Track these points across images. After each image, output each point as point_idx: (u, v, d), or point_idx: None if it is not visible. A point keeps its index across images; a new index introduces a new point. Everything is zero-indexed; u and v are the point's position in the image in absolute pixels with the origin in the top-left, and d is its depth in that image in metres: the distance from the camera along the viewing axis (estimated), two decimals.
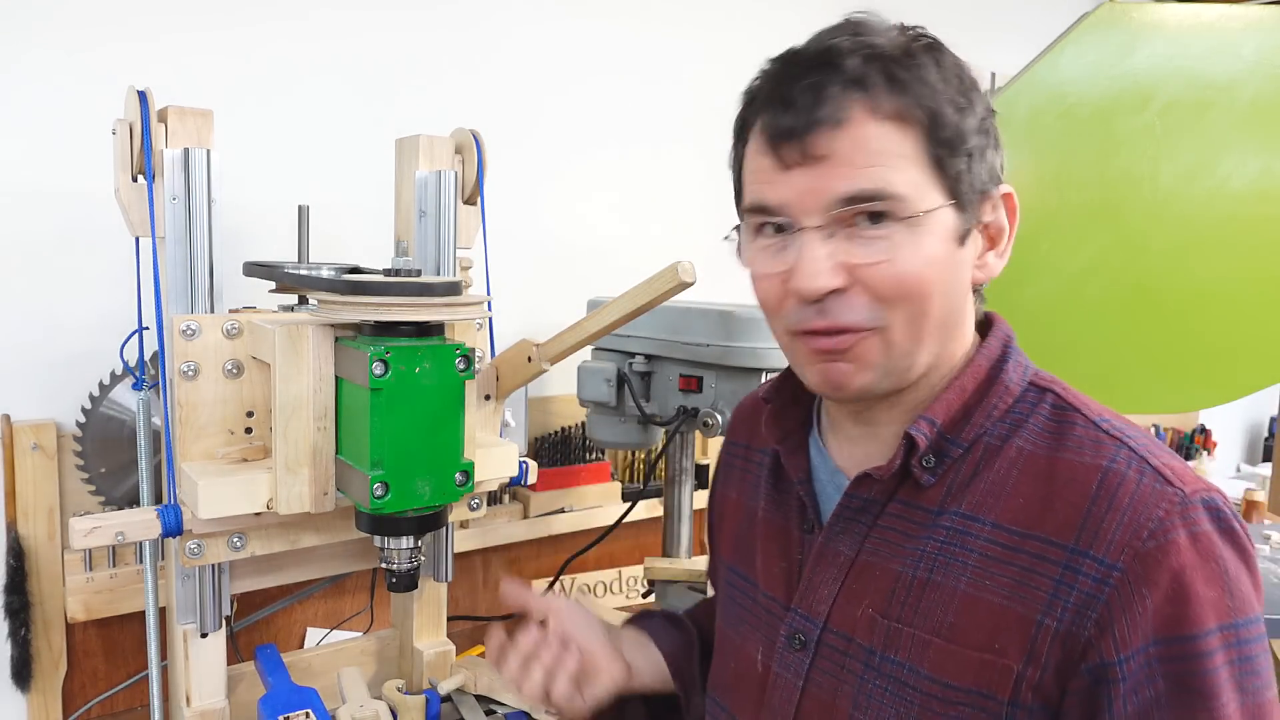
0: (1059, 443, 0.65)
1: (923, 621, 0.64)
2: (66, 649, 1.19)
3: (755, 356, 1.15)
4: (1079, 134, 1.25)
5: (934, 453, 0.67)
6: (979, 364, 0.69)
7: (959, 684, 0.62)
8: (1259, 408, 3.23)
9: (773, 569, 0.76)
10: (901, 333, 0.64)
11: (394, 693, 1.05)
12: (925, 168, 0.62)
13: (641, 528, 1.70)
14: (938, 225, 0.63)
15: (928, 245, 0.63)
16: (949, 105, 0.63)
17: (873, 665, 0.66)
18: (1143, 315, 1.30)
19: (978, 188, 0.65)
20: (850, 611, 0.68)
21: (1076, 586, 0.59)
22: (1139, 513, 0.59)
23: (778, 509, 0.79)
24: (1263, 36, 1.24)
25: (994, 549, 0.63)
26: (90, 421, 1.15)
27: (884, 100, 0.61)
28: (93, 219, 1.19)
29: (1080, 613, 0.59)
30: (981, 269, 0.68)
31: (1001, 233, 0.69)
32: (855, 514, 0.70)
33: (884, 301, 0.63)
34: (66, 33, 1.18)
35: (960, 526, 0.65)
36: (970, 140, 0.64)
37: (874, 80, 0.61)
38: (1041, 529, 0.62)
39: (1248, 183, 1.26)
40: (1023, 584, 0.61)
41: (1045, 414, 0.67)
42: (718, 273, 0.87)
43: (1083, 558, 0.60)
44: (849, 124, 0.61)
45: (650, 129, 1.73)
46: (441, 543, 1.13)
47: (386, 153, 1.14)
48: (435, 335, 0.86)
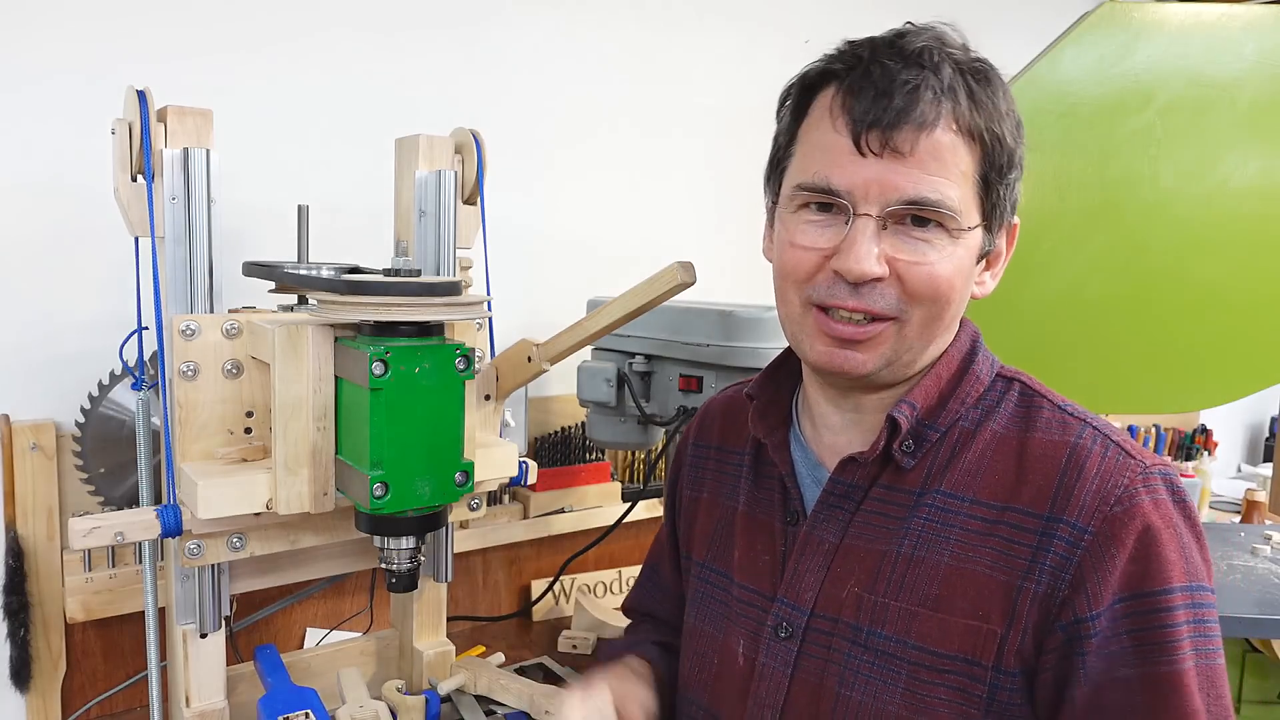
0: (1029, 425, 0.70)
1: (909, 596, 0.68)
2: (66, 649, 1.19)
3: (755, 356, 1.15)
4: (1079, 134, 1.25)
5: (913, 437, 0.71)
6: (951, 356, 0.73)
7: (946, 651, 0.65)
8: (1259, 408, 3.22)
9: (755, 562, 0.78)
10: (916, 327, 0.68)
11: (394, 693, 1.05)
12: (975, 186, 0.67)
13: (641, 528, 1.70)
14: (971, 240, 0.69)
15: (960, 256, 0.68)
16: (1009, 134, 0.67)
17: (859, 641, 0.69)
18: (1143, 315, 1.30)
19: (1004, 215, 0.71)
20: (835, 594, 0.71)
21: (1052, 549, 0.64)
22: (1106, 481, 0.64)
23: (758, 504, 0.81)
24: (1263, 36, 1.24)
25: (975, 523, 0.67)
26: (89, 422, 1.14)
27: (965, 114, 0.65)
28: (92, 219, 1.19)
29: (1056, 574, 0.63)
30: (980, 286, 0.74)
31: (999, 257, 0.75)
32: (839, 500, 0.73)
33: (912, 298, 0.67)
34: (66, 32, 1.18)
35: (942, 504, 0.69)
36: (1014, 171, 0.69)
37: (961, 93, 0.65)
38: (1018, 501, 0.66)
39: (1248, 183, 1.26)
40: (1004, 554, 0.65)
41: (1014, 401, 0.72)
42: (718, 273, 0.88)
43: (1057, 523, 0.64)
44: (935, 129, 0.64)
45: (651, 129, 1.73)
46: (441, 543, 1.13)
47: (386, 153, 1.14)
48: (435, 335, 0.86)
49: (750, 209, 0.74)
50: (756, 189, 0.81)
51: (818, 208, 0.69)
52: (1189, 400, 1.38)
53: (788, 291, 0.72)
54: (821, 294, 0.68)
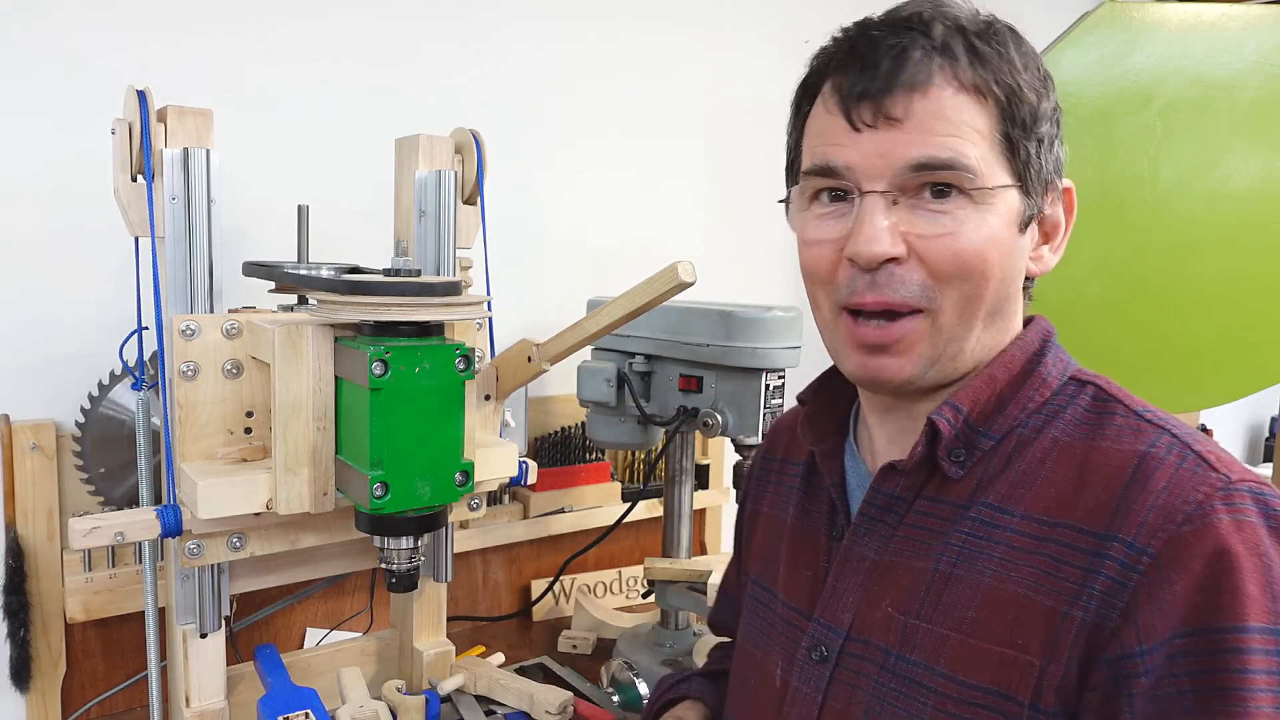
0: (1096, 432, 0.61)
1: (942, 618, 0.61)
2: (66, 649, 1.19)
3: (755, 356, 1.15)
4: (1079, 134, 1.25)
5: (963, 445, 0.64)
6: (1012, 354, 0.66)
7: (975, 682, 0.58)
8: (1259, 408, 3.22)
9: (798, 579, 0.73)
10: (951, 315, 0.62)
11: (394, 693, 1.05)
12: (997, 145, 0.61)
13: (641, 528, 1.70)
14: (1002, 205, 0.61)
15: (991, 223, 0.61)
16: (1027, 86, 0.62)
17: (888, 666, 0.63)
18: (1143, 315, 1.30)
19: (1045, 175, 0.64)
20: (870, 615, 0.65)
21: (1104, 572, 0.55)
22: (1175, 495, 0.55)
23: (806, 517, 0.76)
24: (1263, 36, 1.24)
25: (1021, 540, 0.59)
26: (89, 421, 1.14)
27: (966, 70, 0.60)
28: (92, 219, 1.19)
29: (1106, 601, 0.54)
30: (1037, 261, 0.67)
31: (1058, 228, 0.68)
32: (881, 512, 0.67)
33: (939, 279, 0.61)
34: (65, 31, 1.18)
35: (987, 518, 0.61)
36: (1043, 125, 0.63)
37: (958, 49, 0.60)
38: (1071, 516, 0.58)
39: (1248, 183, 1.26)
40: (1049, 574, 0.57)
41: (1084, 405, 0.64)
42: (718, 273, 0.87)
43: (1112, 542, 0.55)
44: (929, 89, 0.60)
45: (651, 129, 1.73)
46: (441, 543, 1.13)
47: (386, 153, 1.14)
48: (435, 335, 0.86)
49: (750, 209, 0.74)
50: (757, 189, 0.81)
51: (830, 198, 0.64)
52: (1189, 400, 1.38)
53: (817, 296, 0.67)
54: (844, 294, 0.63)
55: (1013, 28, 0.64)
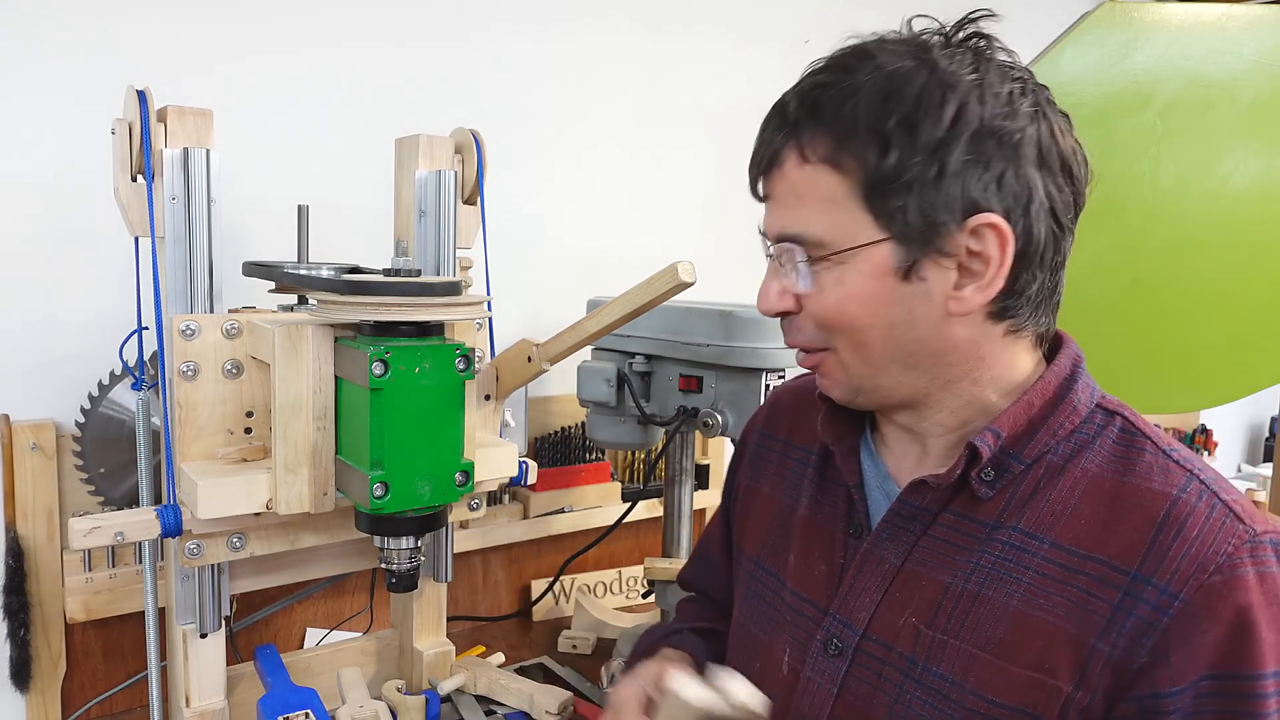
0: (1127, 467, 0.64)
1: (970, 635, 0.64)
2: (66, 649, 1.19)
3: (755, 356, 1.15)
4: (1079, 134, 1.25)
5: (994, 466, 0.66)
6: (1048, 381, 0.67)
7: (1005, 702, 0.61)
8: (1260, 408, 3.22)
9: (810, 571, 0.75)
10: (849, 356, 0.68)
11: (394, 693, 1.05)
12: (858, 204, 0.63)
13: (641, 528, 1.70)
14: (865, 263, 0.64)
15: (850, 282, 0.65)
16: (878, 144, 0.61)
17: (913, 675, 0.66)
18: (1142, 315, 1.29)
19: (927, 219, 0.61)
20: (892, 620, 0.68)
21: (1135, 613, 0.59)
22: (1207, 545, 0.59)
23: (821, 510, 0.78)
24: (1263, 36, 1.24)
25: (1052, 568, 0.62)
26: (89, 422, 1.14)
27: (817, 144, 0.64)
28: (92, 219, 1.19)
29: (1136, 639, 0.58)
30: (957, 301, 0.64)
31: (988, 263, 0.63)
32: (906, 521, 0.69)
33: (824, 328, 0.68)
34: (66, 31, 1.18)
35: (1018, 543, 0.64)
36: (909, 174, 0.60)
37: (805, 125, 0.65)
38: (1104, 552, 0.61)
39: (1248, 183, 1.26)
40: (1080, 606, 0.61)
41: (1113, 437, 0.66)
42: (718, 273, 0.88)
43: (1145, 585, 0.59)
44: (784, 167, 0.66)
45: (650, 129, 1.73)
46: (441, 543, 1.13)
47: (386, 153, 1.14)
48: (435, 335, 0.86)
49: (750, 209, 0.73)
50: None
51: None
52: (1189, 400, 1.38)
53: None
54: None
55: (917, 66, 0.62)
